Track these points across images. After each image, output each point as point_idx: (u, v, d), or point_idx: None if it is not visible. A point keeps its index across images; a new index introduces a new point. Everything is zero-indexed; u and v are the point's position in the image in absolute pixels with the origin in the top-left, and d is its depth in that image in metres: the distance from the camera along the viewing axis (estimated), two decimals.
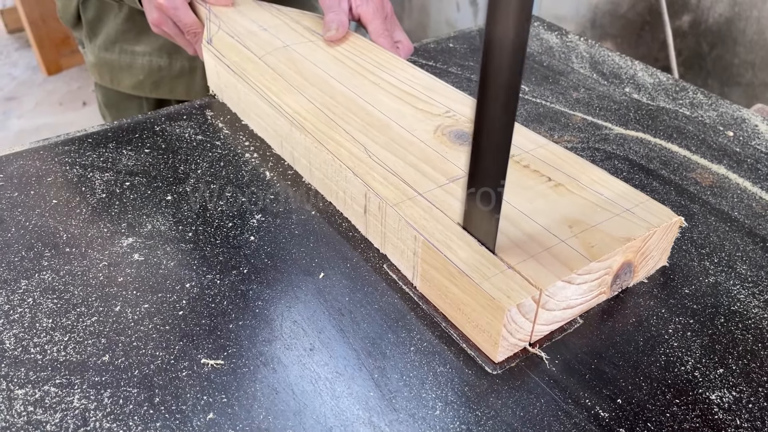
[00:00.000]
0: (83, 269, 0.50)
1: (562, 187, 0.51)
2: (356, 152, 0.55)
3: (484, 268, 0.43)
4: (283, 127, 0.61)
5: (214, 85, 0.75)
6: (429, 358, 0.44)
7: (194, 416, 0.40)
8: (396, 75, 0.67)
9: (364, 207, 0.52)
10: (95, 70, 0.95)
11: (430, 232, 0.46)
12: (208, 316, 0.47)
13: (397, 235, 0.49)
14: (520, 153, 0.55)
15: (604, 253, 0.45)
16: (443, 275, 0.45)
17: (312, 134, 0.57)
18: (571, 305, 0.46)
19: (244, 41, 0.72)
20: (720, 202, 0.60)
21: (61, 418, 0.39)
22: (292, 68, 0.67)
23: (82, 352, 0.44)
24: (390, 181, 0.51)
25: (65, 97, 2.71)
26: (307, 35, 0.75)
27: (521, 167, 0.53)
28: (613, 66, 0.85)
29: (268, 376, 0.42)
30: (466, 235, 0.46)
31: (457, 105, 0.62)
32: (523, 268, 0.43)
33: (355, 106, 0.61)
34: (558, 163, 0.54)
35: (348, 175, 0.53)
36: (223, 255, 0.52)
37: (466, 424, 0.40)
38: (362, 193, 0.52)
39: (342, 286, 0.49)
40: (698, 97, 0.77)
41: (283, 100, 0.62)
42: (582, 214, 0.48)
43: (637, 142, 0.68)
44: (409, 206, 0.49)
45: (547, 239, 0.46)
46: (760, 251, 0.54)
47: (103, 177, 0.61)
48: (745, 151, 0.67)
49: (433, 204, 0.49)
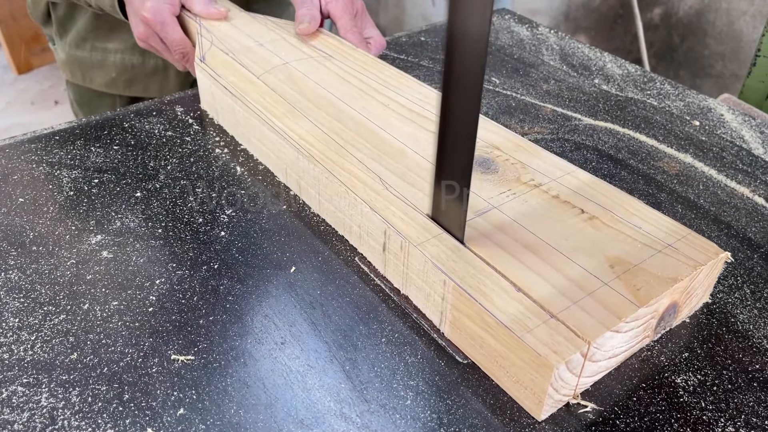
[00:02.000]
0: (51, 268, 0.50)
1: (597, 220, 0.47)
2: (371, 183, 0.51)
3: (524, 318, 0.39)
4: (288, 155, 0.57)
5: (208, 105, 0.70)
6: (400, 349, 0.44)
7: (164, 412, 0.40)
8: (404, 94, 0.63)
9: (383, 245, 0.48)
10: (66, 67, 0.94)
11: (461, 276, 0.42)
12: (179, 312, 0.46)
13: (422, 277, 0.45)
14: (547, 181, 0.51)
15: (651, 297, 0.41)
16: (477, 324, 0.41)
17: (321, 163, 0.53)
18: (617, 353, 0.42)
19: (240, 58, 0.67)
20: (686, 190, 0.61)
21: (29, 417, 0.39)
22: (294, 88, 0.63)
23: (50, 351, 0.43)
24: (411, 217, 0.47)
25: (37, 97, 2.67)
26: (307, 51, 0.70)
27: (550, 197, 0.49)
28: (582, 58, 0.86)
29: (238, 371, 0.42)
30: (501, 279, 0.42)
31: None
32: (567, 317, 0.39)
33: (366, 131, 0.57)
34: (589, 192, 0.50)
35: (364, 210, 0.49)
36: (194, 251, 0.52)
37: (437, 412, 0.40)
38: (381, 230, 0.48)
39: (313, 280, 0.49)
40: (666, 88, 0.78)
41: (287, 125, 0.58)
42: (622, 251, 0.45)
43: (606, 133, 0.69)
44: (434, 245, 0.45)
45: (589, 282, 0.42)
46: (725, 237, 0.55)
47: (71, 174, 0.60)
48: (711, 140, 0.68)
49: (461, 242, 0.45)
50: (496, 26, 0.95)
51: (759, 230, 0.56)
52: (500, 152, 0.54)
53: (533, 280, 0.42)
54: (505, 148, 0.55)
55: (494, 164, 0.53)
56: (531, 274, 0.42)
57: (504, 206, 0.48)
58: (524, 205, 0.49)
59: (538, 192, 0.50)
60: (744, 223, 0.56)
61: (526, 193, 0.50)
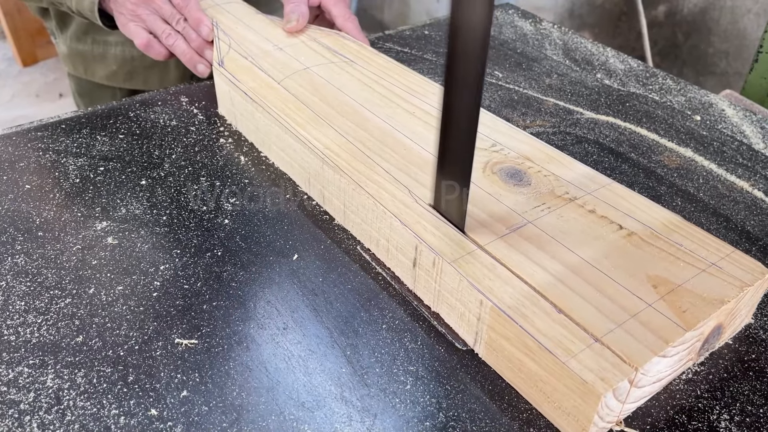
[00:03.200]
0: (56, 253, 0.50)
1: (636, 236, 0.46)
2: (400, 196, 0.49)
3: (568, 341, 0.38)
4: (312, 164, 0.55)
5: (226, 110, 0.68)
6: (400, 335, 0.45)
7: (168, 394, 0.40)
8: (429, 101, 0.61)
9: (414, 260, 0.47)
10: (68, 60, 0.94)
11: (499, 296, 0.41)
12: (182, 298, 0.47)
13: (455, 295, 0.44)
14: (582, 195, 0.49)
15: (698, 320, 0.39)
16: (517, 347, 0.40)
17: (348, 174, 0.51)
18: (661, 378, 0.40)
19: (260, 63, 0.66)
20: (686, 183, 0.61)
21: (35, 397, 0.40)
22: (316, 95, 0.61)
23: (56, 333, 0.44)
24: (443, 231, 0.46)
25: (42, 89, 2.67)
26: (328, 55, 0.68)
27: (586, 212, 0.48)
28: (585, 53, 0.86)
29: (241, 355, 0.43)
30: (541, 300, 0.40)
31: (503, 137, 0.56)
32: (612, 341, 0.38)
33: (392, 140, 0.55)
34: (625, 206, 0.48)
35: (394, 224, 0.47)
36: (198, 238, 0.52)
37: (436, 397, 0.41)
38: (411, 245, 0.46)
39: (316, 267, 0.50)
40: (667, 83, 0.79)
41: (311, 134, 0.56)
42: (665, 270, 0.43)
43: (607, 126, 0.70)
44: (469, 263, 0.43)
45: (633, 303, 0.40)
46: (724, 230, 0.55)
47: (77, 162, 0.61)
48: (712, 135, 0.69)
49: (496, 260, 0.43)
50: (499, 21, 0.96)
51: (758, 223, 0.56)
52: (532, 163, 0.53)
53: (574, 301, 0.40)
54: (536, 159, 0.53)
55: (526, 176, 0.51)
56: (572, 295, 0.41)
57: (539, 221, 0.47)
58: (560, 220, 0.47)
59: (573, 206, 0.48)
60: (743, 217, 0.57)
61: (561, 207, 0.48)
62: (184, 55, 0.72)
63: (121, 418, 0.39)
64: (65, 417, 0.39)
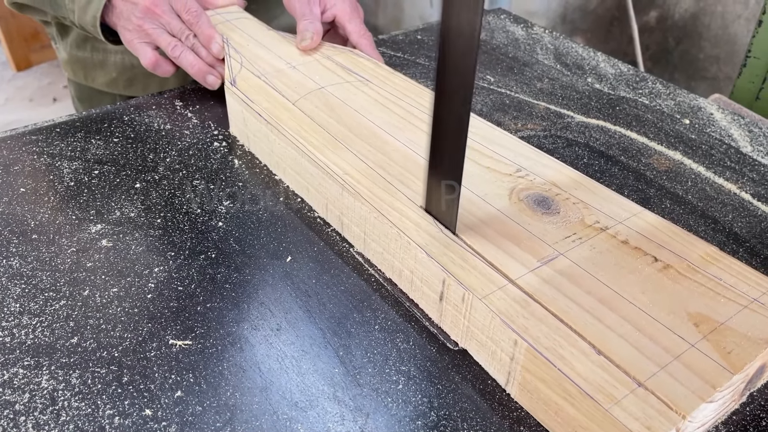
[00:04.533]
0: (51, 255, 0.51)
1: (673, 269, 0.44)
2: (425, 225, 0.47)
3: (610, 387, 0.36)
4: (330, 190, 0.53)
5: (238, 131, 0.66)
6: (392, 335, 0.45)
7: (162, 394, 0.41)
8: None
9: (440, 293, 0.44)
10: (68, 66, 0.95)
11: (534, 336, 0.39)
12: (177, 299, 0.47)
13: (486, 333, 0.41)
14: (614, 224, 0.47)
15: (745, 362, 0.37)
16: (554, 391, 0.38)
17: (370, 201, 0.49)
18: (705, 422, 0.38)
19: (273, 82, 0.64)
20: (675, 186, 0.62)
21: (30, 398, 0.40)
22: (332, 116, 0.59)
23: (50, 335, 0.44)
24: (471, 264, 0.44)
25: (35, 93, 2.67)
26: (343, 74, 0.66)
27: (619, 243, 0.46)
28: (576, 57, 0.87)
29: (235, 355, 0.43)
30: (579, 340, 0.38)
31: (527, 161, 0.54)
32: (656, 385, 0.36)
33: (414, 165, 0.53)
34: (659, 236, 0.46)
35: (419, 256, 0.45)
36: (192, 240, 0.53)
37: (428, 397, 0.41)
38: (438, 279, 0.44)
39: (309, 269, 0.51)
40: (657, 87, 0.80)
41: (329, 158, 0.53)
42: (705, 306, 0.41)
43: (597, 130, 0.70)
44: (500, 299, 0.41)
45: (675, 344, 0.38)
46: (712, 231, 0.56)
47: (72, 166, 0.61)
48: (701, 138, 0.70)
49: (529, 295, 0.41)
50: (491, 25, 0.97)
51: (745, 225, 0.57)
52: (559, 190, 0.51)
53: (614, 341, 0.38)
54: (563, 185, 0.51)
55: (554, 204, 0.49)
56: (610, 334, 0.38)
57: (571, 253, 0.45)
58: (592, 251, 0.45)
59: (605, 237, 0.46)
60: (731, 219, 0.58)
61: (592, 238, 0.46)
62: (192, 67, 0.70)
63: (115, 419, 0.39)
64: (60, 417, 0.39)
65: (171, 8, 0.69)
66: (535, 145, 0.57)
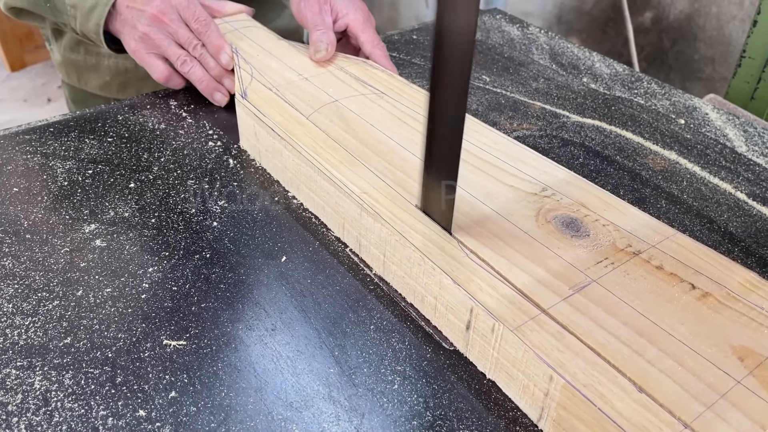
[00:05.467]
0: (44, 255, 0.50)
1: (711, 297, 0.41)
2: (449, 249, 0.45)
3: (654, 427, 0.34)
4: (348, 210, 0.51)
5: (249, 145, 0.63)
6: (388, 335, 0.45)
7: (156, 395, 0.40)
8: (471, 139, 0.56)
9: (467, 323, 0.42)
10: (62, 68, 0.94)
11: (571, 371, 0.36)
12: (171, 299, 0.47)
13: (518, 366, 0.39)
14: (646, 248, 0.45)
15: None
16: (593, 430, 0.36)
17: (390, 223, 0.47)
18: None
19: (285, 95, 0.61)
20: (670, 185, 0.62)
21: (22, 399, 0.40)
22: (348, 131, 0.57)
23: (44, 335, 0.44)
24: (500, 292, 0.41)
25: (30, 94, 2.66)
26: (357, 86, 0.64)
27: (654, 269, 0.43)
28: (572, 57, 0.87)
29: (229, 356, 0.43)
30: (618, 377, 0.36)
31: (552, 179, 0.52)
32: (702, 427, 0.33)
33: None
34: (695, 261, 0.44)
35: (444, 282, 0.43)
36: (186, 240, 0.52)
37: (424, 396, 0.41)
38: (465, 307, 0.42)
39: (304, 269, 0.50)
40: (652, 87, 0.80)
41: (346, 176, 0.51)
42: (749, 339, 0.38)
43: (593, 130, 0.70)
44: (533, 330, 0.39)
45: (720, 380, 0.36)
46: (707, 231, 0.56)
47: (65, 165, 0.61)
48: (696, 138, 0.70)
49: (563, 326, 0.39)
50: (487, 26, 0.97)
51: (740, 225, 0.57)
52: (588, 211, 0.48)
53: (655, 377, 0.36)
54: (591, 205, 0.49)
55: (584, 226, 0.47)
56: (651, 369, 0.36)
57: (604, 280, 0.42)
58: (626, 278, 0.43)
59: (638, 262, 0.44)
60: (726, 218, 0.58)
61: (625, 263, 0.44)
62: (201, 83, 0.69)
63: (109, 419, 0.39)
64: (53, 418, 0.39)
65: (179, 17, 0.67)
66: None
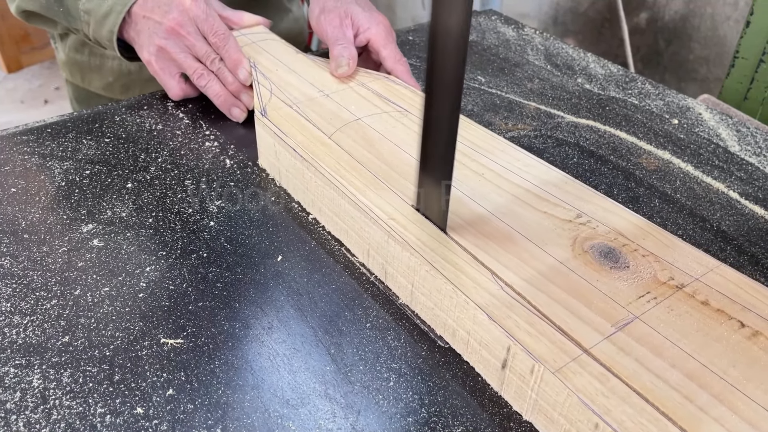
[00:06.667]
0: (42, 255, 0.51)
1: (762, 337, 0.39)
2: (483, 281, 0.42)
3: None
4: (373, 236, 0.48)
5: (268, 164, 0.61)
6: (384, 333, 0.45)
7: (154, 392, 0.41)
8: (498, 160, 0.54)
9: (504, 361, 0.40)
10: (66, 67, 0.94)
11: (618, 419, 0.34)
12: (168, 298, 0.47)
13: (559, 410, 0.37)
14: (690, 281, 0.43)
15: None
16: None
17: (420, 252, 0.44)
18: None
19: (306, 112, 0.60)
20: (664, 185, 0.62)
21: (21, 397, 0.40)
22: (371, 151, 0.54)
23: (42, 334, 0.44)
24: (538, 329, 0.39)
25: (26, 95, 2.66)
26: (379, 104, 0.62)
27: (699, 304, 0.41)
28: (566, 58, 0.88)
29: (226, 354, 0.44)
30: (670, 426, 0.34)
31: (587, 205, 0.49)
32: None
33: (464, 209, 0.48)
34: (742, 296, 0.41)
35: (478, 317, 0.40)
36: (183, 240, 0.53)
37: (419, 394, 0.41)
38: (502, 345, 0.39)
39: (300, 268, 0.51)
40: (646, 87, 0.81)
41: (372, 200, 0.49)
42: None
43: (587, 130, 0.71)
44: (576, 372, 0.36)
45: None
46: (700, 230, 0.57)
47: (63, 166, 0.61)
48: (689, 138, 0.70)
49: (607, 368, 0.36)
50: (483, 27, 0.97)
51: (732, 223, 0.58)
52: (626, 240, 0.46)
53: (708, 427, 0.33)
54: (629, 234, 0.47)
55: (623, 257, 0.45)
56: (704, 417, 0.34)
57: (648, 316, 0.40)
58: (671, 314, 0.40)
59: (682, 296, 0.41)
60: (718, 217, 0.58)
61: (668, 298, 0.41)
62: (218, 98, 0.67)
63: (107, 417, 0.39)
64: (51, 416, 0.39)
65: (197, 29, 0.66)
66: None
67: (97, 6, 0.67)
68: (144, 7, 0.66)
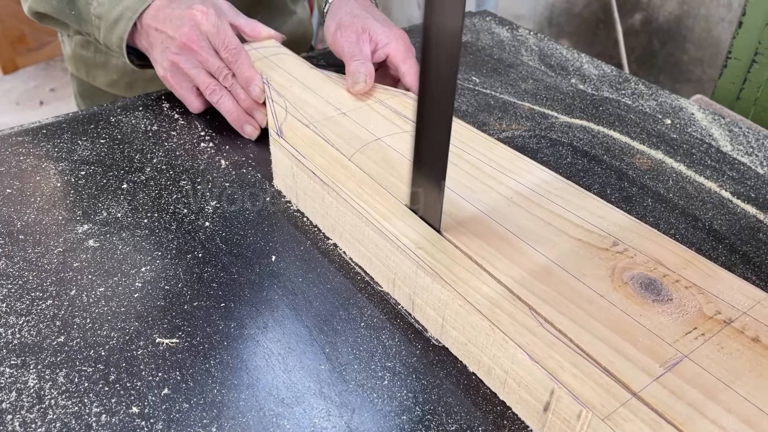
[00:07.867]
0: (38, 255, 0.51)
1: None
2: (521, 318, 0.39)
3: None
4: (400, 266, 0.46)
5: (284, 186, 0.58)
6: (378, 332, 0.46)
7: (149, 392, 0.41)
8: (524, 181, 0.51)
9: (546, 404, 0.37)
10: (72, 62, 0.94)
11: None
12: (163, 298, 0.48)
13: None
14: (738, 315, 0.40)
15: None
16: None
17: (452, 285, 0.42)
18: None
19: (324, 132, 0.57)
20: (657, 185, 0.63)
21: (17, 397, 0.40)
22: (393, 174, 0.52)
23: (37, 334, 0.44)
24: (583, 371, 0.36)
25: (22, 97, 2.66)
26: (399, 122, 0.59)
27: (749, 341, 0.38)
28: (560, 59, 0.88)
29: (221, 353, 0.44)
30: None
31: (623, 231, 0.47)
32: None
33: (495, 237, 0.45)
34: None
35: (518, 357, 0.38)
36: (179, 240, 0.53)
37: (413, 392, 0.42)
38: (545, 387, 0.37)
39: (295, 268, 0.51)
40: (640, 88, 0.81)
41: (398, 228, 0.46)
42: None
43: (581, 130, 0.71)
44: (627, 419, 0.34)
45: None
46: (692, 229, 0.57)
47: (58, 167, 0.61)
48: (682, 138, 0.71)
49: (659, 414, 0.34)
50: (477, 27, 0.97)
51: (724, 223, 0.58)
52: (667, 270, 0.43)
53: None
54: (669, 263, 0.44)
55: (665, 289, 0.42)
56: None
57: (696, 355, 0.37)
58: (720, 353, 0.38)
59: (731, 332, 0.39)
60: (710, 216, 0.59)
61: (717, 334, 0.39)
62: (231, 114, 0.66)
63: (102, 416, 0.39)
64: (47, 416, 0.39)
65: (209, 44, 0.65)
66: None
67: (108, 11, 0.67)
68: (156, 18, 0.65)
